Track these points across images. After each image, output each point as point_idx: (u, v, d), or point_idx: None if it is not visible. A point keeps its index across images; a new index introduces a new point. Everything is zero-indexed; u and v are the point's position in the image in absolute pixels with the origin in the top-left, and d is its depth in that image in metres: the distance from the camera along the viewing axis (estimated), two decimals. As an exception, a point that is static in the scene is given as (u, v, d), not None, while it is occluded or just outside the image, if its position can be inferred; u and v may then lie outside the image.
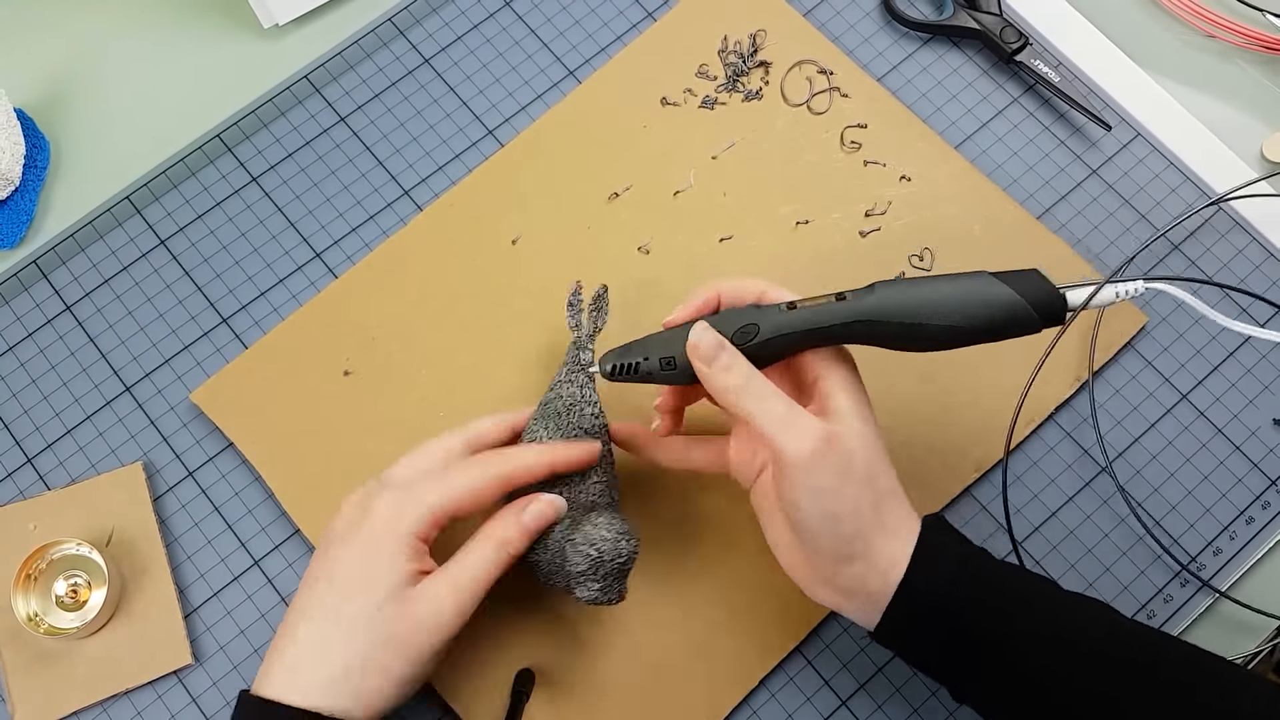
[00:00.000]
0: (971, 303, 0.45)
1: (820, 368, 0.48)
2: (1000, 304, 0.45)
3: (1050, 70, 0.64)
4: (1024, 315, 0.45)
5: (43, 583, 0.56)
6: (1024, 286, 0.45)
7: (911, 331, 0.45)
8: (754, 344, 0.47)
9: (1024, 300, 0.44)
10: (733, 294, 0.50)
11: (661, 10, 0.67)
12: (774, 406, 0.46)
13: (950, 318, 0.45)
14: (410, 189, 0.64)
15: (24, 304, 0.62)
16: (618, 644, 0.55)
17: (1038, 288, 0.45)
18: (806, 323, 0.46)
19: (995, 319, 0.45)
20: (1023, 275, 0.46)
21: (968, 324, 0.45)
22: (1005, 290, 0.45)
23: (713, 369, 0.47)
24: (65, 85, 0.67)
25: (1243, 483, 0.59)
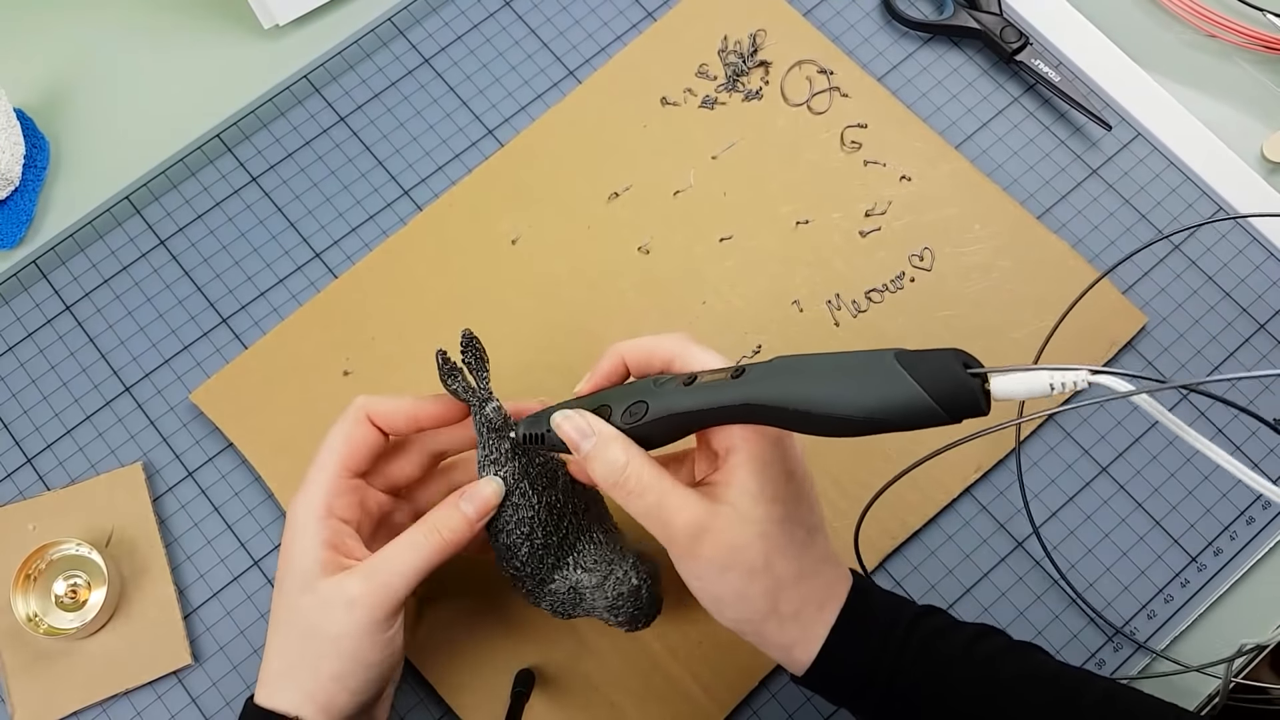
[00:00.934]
0: (867, 393, 0.39)
1: (731, 438, 0.44)
2: (898, 397, 0.38)
3: (1050, 70, 0.64)
4: (924, 411, 0.38)
5: (42, 583, 0.56)
6: (933, 375, 0.38)
7: (802, 420, 0.40)
8: (641, 424, 0.44)
9: (926, 395, 0.38)
10: (640, 360, 0.47)
11: (661, 10, 0.67)
12: (644, 501, 0.43)
13: (842, 409, 0.39)
14: (410, 189, 0.64)
15: (24, 304, 0.62)
16: (617, 644, 0.55)
17: (948, 378, 0.38)
18: (696, 404, 0.43)
19: (891, 413, 0.38)
20: (937, 359, 0.38)
21: (861, 416, 0.39)
22: (905, 382, 0.38)
23: (581, 456, 0.44)
24: (65, 85, 0.67)
25: (1243, 483, 0.59)
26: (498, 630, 0.56)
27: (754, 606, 0.44)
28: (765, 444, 0.44)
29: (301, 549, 0.46)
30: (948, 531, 0.58)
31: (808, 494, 0.46)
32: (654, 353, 0.47)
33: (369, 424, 0.49)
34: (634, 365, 0.47)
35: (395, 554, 0.46)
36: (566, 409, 0.46)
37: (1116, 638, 0.56)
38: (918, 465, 0.43)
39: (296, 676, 0.45)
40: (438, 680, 0.55)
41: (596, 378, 0.48)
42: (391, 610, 0.45)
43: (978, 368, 0.38)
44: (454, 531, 0.46)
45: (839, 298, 0.61)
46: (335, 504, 0.47)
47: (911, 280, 0.61)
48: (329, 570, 0.45)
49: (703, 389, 0.43)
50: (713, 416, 0.43)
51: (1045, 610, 0.57)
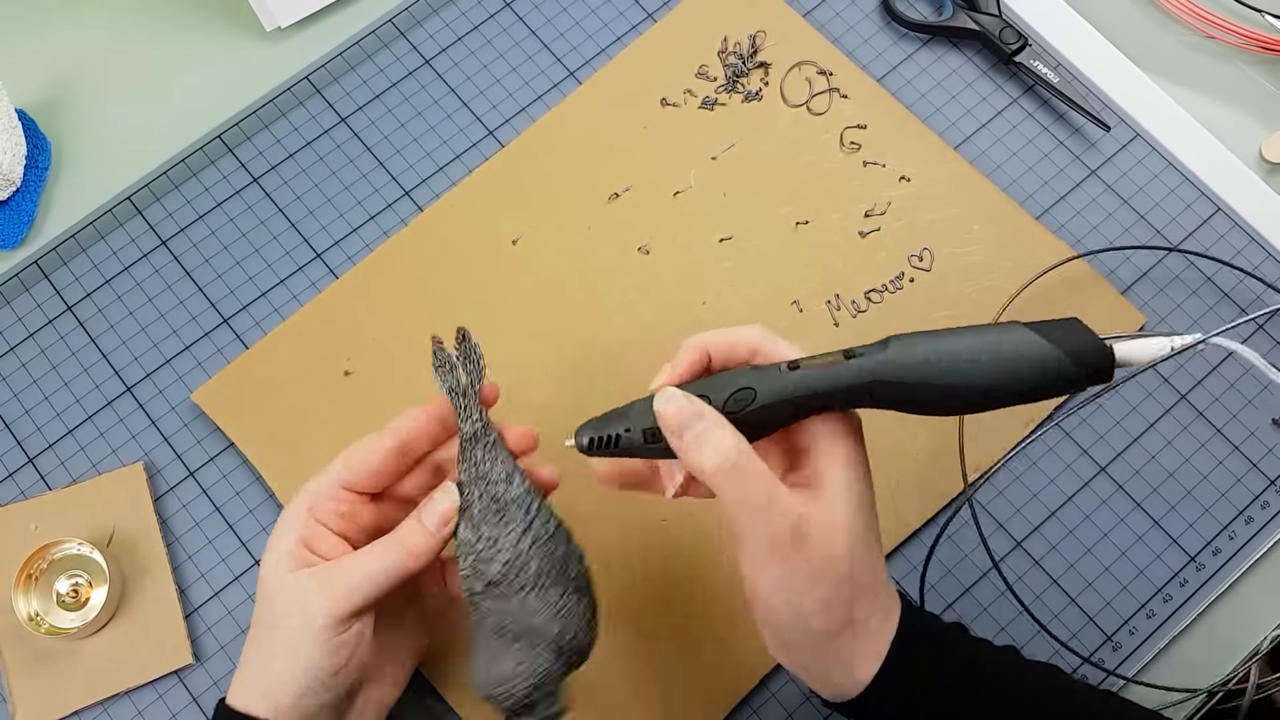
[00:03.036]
0: (1004, 360, 0.38)
1: (816, 435, 0.42)
2: (1040, 360, 0.38)
3: (1049, 71, 0.65)
4: (1068, 373, 0.38)
5: (44, 582, 0.56)
6: (1065, 340, 0.38)
7: (937, 394, 0.39)
8: (750, 411, 0.41)
9: (1066, 357, 0.38)
10: (723, 351, 0.44)
11: (661, 11, 0.68)
12: (753, 493, 0.40)
13: (981, 378, 0.38)
14: (411, 189, 0.64)
15: (25, 304, 0.62)
16: (618, 644, 0.55)
17: (1083, 341, 0.38)
18: (813, 387, 0.40)
19: (1036, 378, 0.38)
20: (1061, 325, 0.39)
21: (1003, 384, 0.38)
22: (1041, 345, 0.38)
23: (686, 442, 0.41)
24: (67, 86, 0.67)
25: (1241, 483, 0.59)
26: (498, 630, 0.56)
27: (838, 617, 0.41)
28: (851, 442, 0.42)
29: (276, 550, 0.46)
30: (948, 531, 0.58)
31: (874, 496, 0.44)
32: (739, 343, 0.44)
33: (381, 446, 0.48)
34: (719, 357, 0.44)
35: (357, 560, 0.46)
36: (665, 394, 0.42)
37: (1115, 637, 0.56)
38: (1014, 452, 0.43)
39: (255, 673, 0.45)
40: (438, 680, 0.55)
41: (680, 369, 0.44)
42: (343, 615, 0.44)
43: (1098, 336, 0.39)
44: (415, 544, 0.46)
45: (839, 298, 0.61)
46: (320, 508, 0.47)
47: (911, 280, 0.61)
48: (295, 566, 0.45)
49: (818, 372, 0.41)
50: (829, 400, 0.41)
51: (1045, 610, 0.57)
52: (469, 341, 0.48)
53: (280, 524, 0.47)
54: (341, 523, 0.47)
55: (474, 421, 0.47)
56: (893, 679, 0.43)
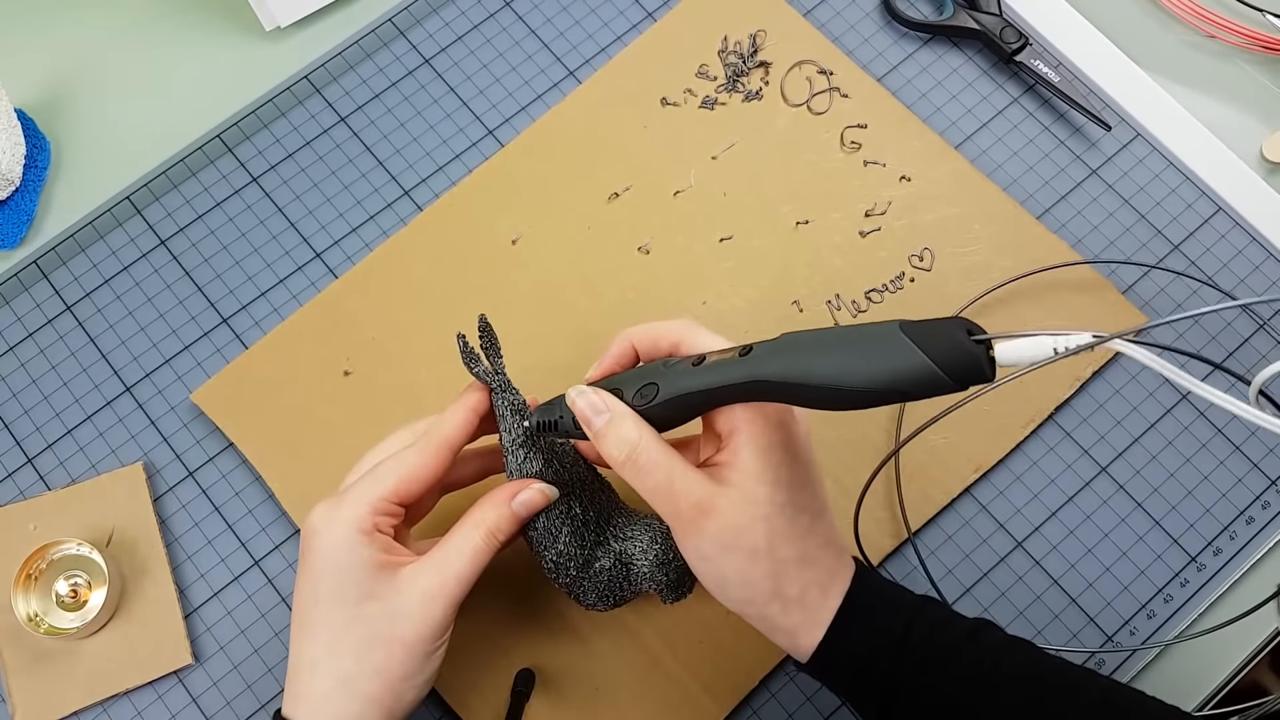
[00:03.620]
0: (879, 367, 0.39)
1: (734, 419, 0.44)
2: (905, 367, 0.39)
3: (1050, 70, 0.64)
4: (930, 379, 0.38)
5: (43, 583, 0.56)
6: (938, 344, 0.39)
7: (810, 394, 0.41)
8: (653, 405, 0.44)
9: (932, 364, 0.38)
10: (647, 344, 0.48)
11: (661, 10, 0.67)
12: (652, 480, 0.43)
13: (857, 383, 0.39)
14: (410, 189, 0.64)
15: (24, 304, 0.62)
16: (618, 644, 0.55)
17: (954, 346, 0.38)
18: (705, 384, 0.43)
19: (909, 385, 0.39)
20: (941, 328, 0.39)
21: (878, 389, 0.39)
22: (911, 351, 0.39)
23: (594, 433, 0.45)
24: (66, 86, 0.67)
25: (1242, 483, 0.59)
26: (498, 630, 0.56)
27: (757, 588, 0.44)
28: (768, 426, 0.44)
29: (353, 559, 0.45)
30: (947, 531, 0.58)
31: (813, 479, 0.46)
32: (661, 337, 0.47)
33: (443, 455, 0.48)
34: (642, 350, 0.48)
35: (456, 549, 0.46)
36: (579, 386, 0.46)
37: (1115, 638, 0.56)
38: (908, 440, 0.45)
39: (357, 687, 0.44)
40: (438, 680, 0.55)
41: (606, 362, 0.48)
42: (457, 605, 0.46)
43: (981, 335, 0.39)
44: (504, 532, 0.47)
45: (839, 298, 0.61)
46: (379, 521, 0.46)
47: (911, 280, 0.61)
48: (386, 574, 0.45)
49: (711, 369, 0.43)
50: (722, 395, 0.43)
51: (1045, 610, 0.57)
52: (489, 329, 0.50)
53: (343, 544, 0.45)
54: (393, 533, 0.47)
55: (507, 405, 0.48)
56: (836, 649, 0.44)
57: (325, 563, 0.45)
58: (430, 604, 0.45)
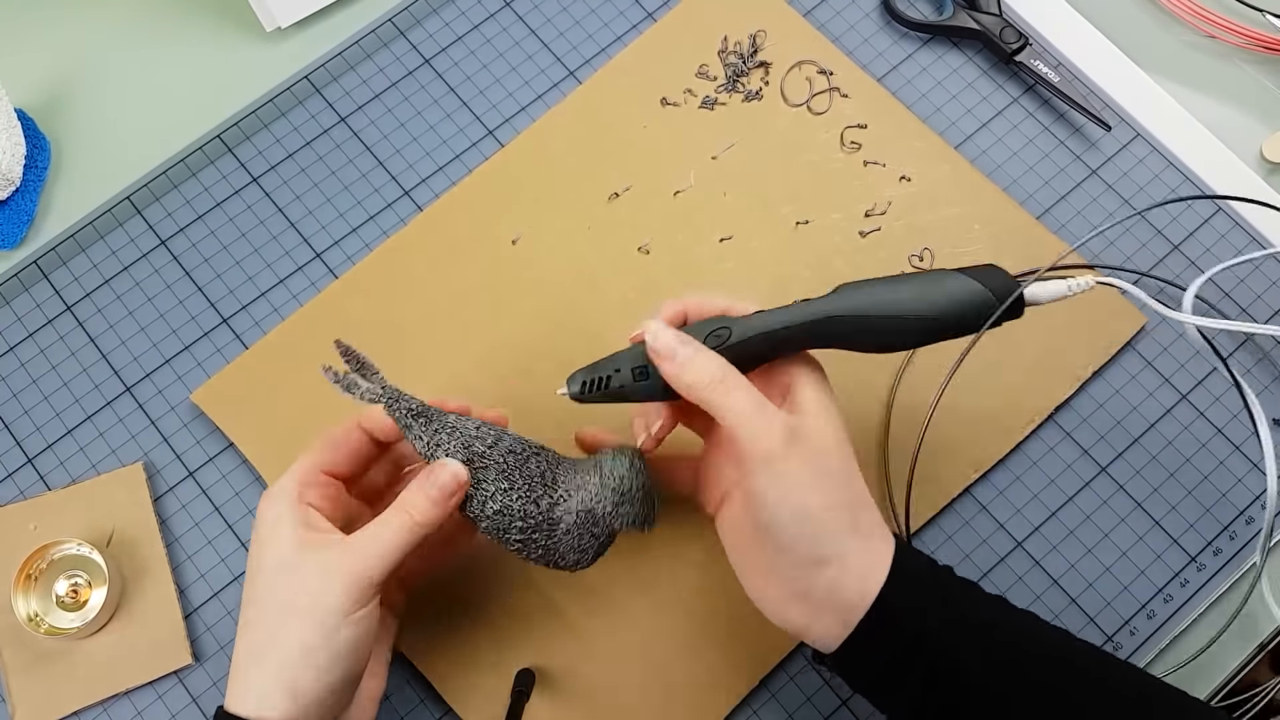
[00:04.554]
0: (936, 296, 0.45)
1: (792, 372, 0.47)
2: (969, 298, 0.45)
3: (1050, 70, 0.64)
4: (985, 305, 0.45)
5: (43, 583, 0.56)
6: (988, 278, 0.46)
7: (879, 325, 0.46)
8: (728, 346, 0.47)
9: (988, 290, 0.45)
10: (698, 308, 0.49)
11: (661, 10, 0.67)
12: (742, 399, 0.45)
13: (913, 309, 0.45)
14: (410, 189, 0.64)
15: (24, 304, 0.62)
16: (618, 644, 0.55)
17: (1001, 282, 0.46)
18: (777, 323, 0.46)
19: (967, 312, 0.45)
20: (984, 270, 0.46)
21: (929, 314, 0.45)
22: (967, 282, 0.45)
23: (678, 364, 0.45)
24: (66, 86, 0.67)
25: (1242, 483, 0.59)
26: (498, 630, 0.56)
27: (840, 519, 0.44)
28: (820, 377, 0.47)
29: (279, 533, 0.46)
30: (947, 531, 0.58)
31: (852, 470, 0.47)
32: (712, 299, 0.49)
33: (358, 429, 0.50)
34: (694, 311, 0.49)
35: (373, 533, 0.46)
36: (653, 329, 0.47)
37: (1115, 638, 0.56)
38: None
39: (263, 660, 0.44)
40: (438, 680, 0.55)
41: (665, 316, 0.48)
42: (368, 587, 0.45)
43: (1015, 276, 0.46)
44: (421, 512, 0.46)
45: (839, 298, 0.61)
46: (307, 493, 0.47)
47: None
48: (308, 547, 0.45)
49: (780, 311, 0.47)
50: (792, 336, 0.46)
51: (1045, 610, 0.57)
52: (351, 350, 0.50)
53: (271, 509, 0.47)
54: (327, 506, 0.48)
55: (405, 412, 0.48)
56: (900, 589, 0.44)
57: (259, 537, 0.46)
58: (331, 577, 0.44)
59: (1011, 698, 0.44)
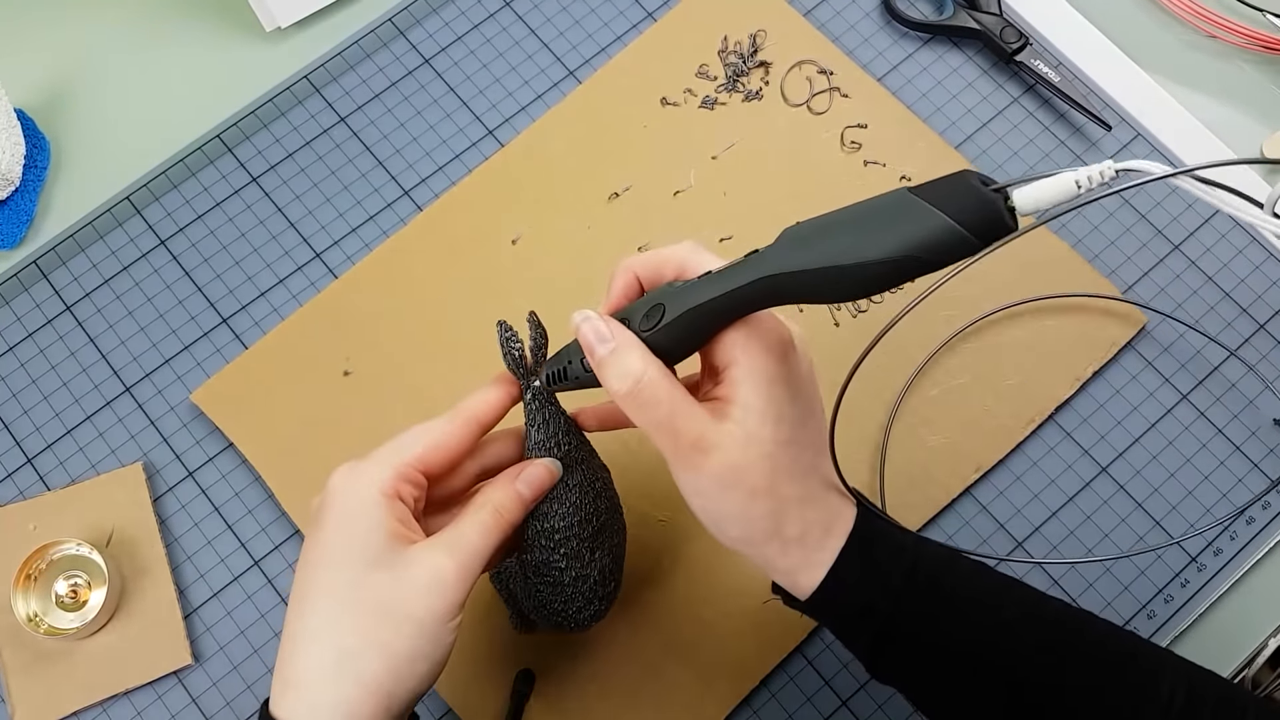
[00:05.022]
0: (889, 234, 0.36)
1: (731, 352, 0.42)
2: (923, 230, 0.36)
3: (1050, 70, 0.64)
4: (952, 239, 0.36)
5: (43, 583, 0.56)
6: (954, 200, 0.36)
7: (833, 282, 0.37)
8: (661, 329, 0.41)
9: (951, 221, 0.35)
10: (649, 274, 0.45)
11: (661, 10, 0.67)
12: (655, 413, 0.41)
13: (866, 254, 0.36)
14: (410, 189, 0.64)
15: (24, 304, 0.62)
16: (618, 644, 0.55)
17: (970, 199, 0.36)
18: (713, 293, 0.40)
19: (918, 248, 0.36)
20: (953, 184, 0.36)
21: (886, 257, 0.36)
22: (927, 212, 0.36)
23: (597, 362, 0.42)
24: (66, 86, 0.67)
25: (1243, 483, 0.59)
26: (498, 630, 0.56)
27: (757, 527, 0.42)
28: (769, 359, 0.42)
29: (371, 526, 0.42)
30: (948, 531, 0.58)
31: (816, 415, 0.44)
32: (665, 263, 0.44)
33: (471, 427, 0.46)
34: (645, 279, 0.45)
35: (468, 528, 0.43)
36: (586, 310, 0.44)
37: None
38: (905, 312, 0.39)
39: (355, 666, 0.40)
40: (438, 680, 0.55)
41: (613, 298, 0.45)
42: (470, 586, 0.43)
43: (993, 184, 0.36)
44: (510, 510, 0.44)
45: (839, 298, 0.61)
46: (403, 487, 0.44)
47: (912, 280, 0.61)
48: (399, 546, 0.42)
49: (718, 278, 0.41)
50: (734, 304, 0.40)
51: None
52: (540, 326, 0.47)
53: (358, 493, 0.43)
54: (414, 508, 0.45)
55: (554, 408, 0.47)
56: (839, 589, 0.43)
57: (341, 523, 0.42)
58: (444, 581, 0.42)
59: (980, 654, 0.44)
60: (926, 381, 0.59)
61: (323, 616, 0.41)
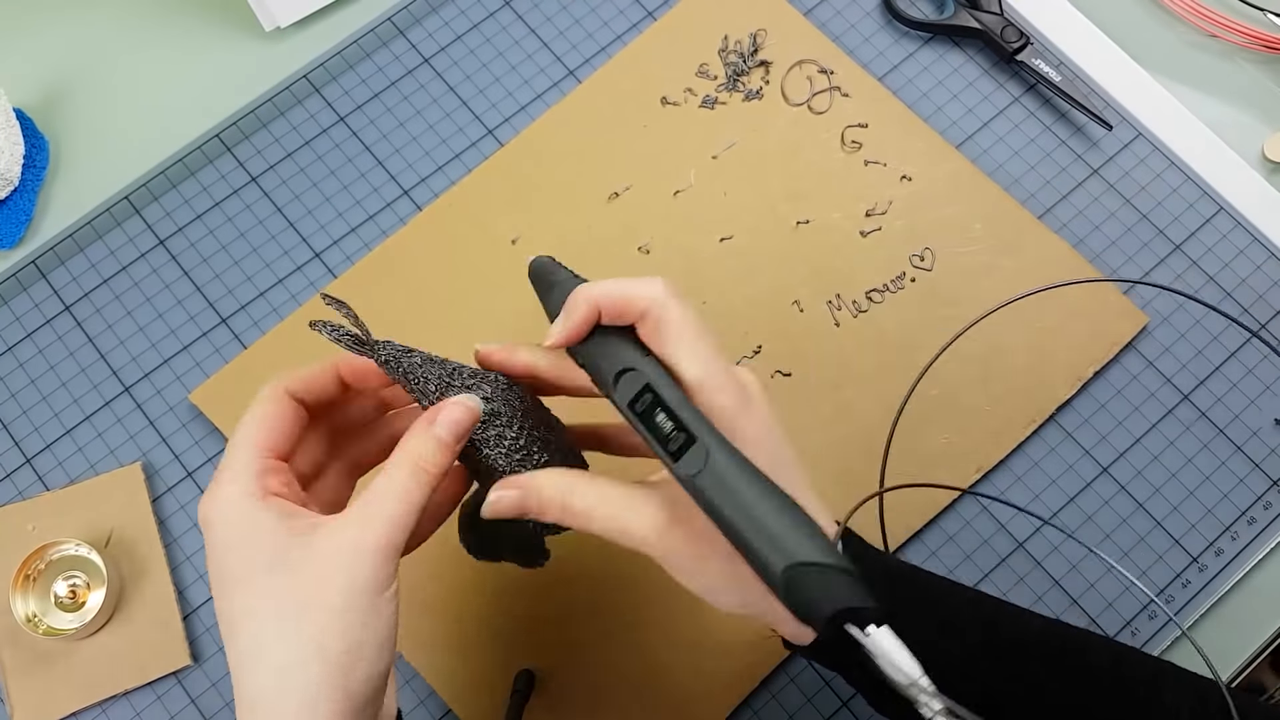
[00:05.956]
0: (758, 559, 0.36)
1: None
2: (773, 579, 0.36)
3: (1051, 70, 0.64)
4: (779, 598, 0.36)
5: (42, 583, 0.56)
6: (811, 592, 0.35)
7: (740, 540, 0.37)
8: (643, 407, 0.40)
9: (786, 601, 0.35)
10: (612, 309, 0.41)
11: (661, 10, 0.67)
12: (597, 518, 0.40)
13: (738, 545, 0.37)
14: (410, 189, 0.64)
15: (23, 304, 0.62)
16: (618, 644, 0.55)
17: (820, 605, 0.34)
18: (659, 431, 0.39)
19: (765, 580, 0.36)
20: (830, 581, 0.35)
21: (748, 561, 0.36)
22: (778, 578, 0.35)
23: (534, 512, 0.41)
24: (65, 85, 0.67)
25: (1244, 483, 0.59)
26: (498, 630, 0.55)
27: (749, 586, 0.39)
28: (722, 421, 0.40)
29: (258, 536, 0.39)
30: (948, 532, 0.58)
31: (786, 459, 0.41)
32: (631, 303, 0.41)
33: (288, 401, 0.42)
34: (608, 314, 0.42)
35: (382, 494, 0.39)
36: (500, 492, 0.42)
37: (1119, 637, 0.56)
38: None
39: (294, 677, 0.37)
40: (438, 680, 0.55)
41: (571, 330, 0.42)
42: (395, 555, 0.39)
43: (860, 626, 0.35)
44: (433, 461, 0.41)
45: (839, 298, 0.61)
46: (268, 483, 0.40)
47: (912, 280, 0.61)
48: (301, 531, 0.39)
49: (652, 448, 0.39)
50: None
51: (1047, 610, 0.57)
52: (339, 301, 0.43)
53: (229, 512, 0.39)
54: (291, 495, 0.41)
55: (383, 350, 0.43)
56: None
57: (229, 545, 0.39)
58: (356, 558, 0.38)
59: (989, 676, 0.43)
60: (926, 381, 0.59)
61: (248, 639, 0.38)
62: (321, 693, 0.37)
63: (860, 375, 0.59)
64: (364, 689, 0.38)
